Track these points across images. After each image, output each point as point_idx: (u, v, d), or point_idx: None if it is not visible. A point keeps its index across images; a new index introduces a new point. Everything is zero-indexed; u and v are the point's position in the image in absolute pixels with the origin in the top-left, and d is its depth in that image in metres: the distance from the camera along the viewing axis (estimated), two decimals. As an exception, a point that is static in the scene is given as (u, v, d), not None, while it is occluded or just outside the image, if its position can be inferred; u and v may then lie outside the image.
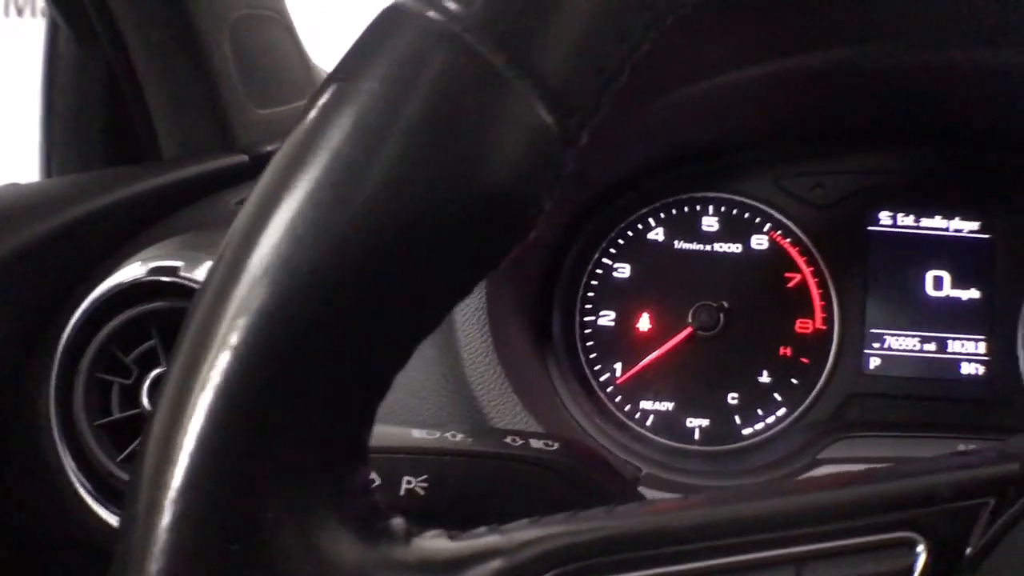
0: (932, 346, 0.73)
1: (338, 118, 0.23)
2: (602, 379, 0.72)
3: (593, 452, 0.51)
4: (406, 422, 0.60)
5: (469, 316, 0.60)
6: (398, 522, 0.25)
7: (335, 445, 0.24)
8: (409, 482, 0.47)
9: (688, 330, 0.71)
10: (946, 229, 0.75)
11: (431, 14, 0.23)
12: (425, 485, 0.47)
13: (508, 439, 0.50)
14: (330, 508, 0.23)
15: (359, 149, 0.23)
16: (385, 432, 0.50)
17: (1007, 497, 0.27)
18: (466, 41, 0.23)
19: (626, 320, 0.73)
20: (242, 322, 0.22)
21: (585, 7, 0.25)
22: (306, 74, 0.87)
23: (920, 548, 0.26)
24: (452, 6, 0.23)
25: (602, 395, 0.72)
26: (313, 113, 0.24)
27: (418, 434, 0.49)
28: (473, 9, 0.23)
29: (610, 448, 0.65)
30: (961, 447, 0.65)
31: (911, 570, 0.25)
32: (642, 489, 0.59)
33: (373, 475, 0.48)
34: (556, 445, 0.50)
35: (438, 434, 0.49)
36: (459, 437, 0.49)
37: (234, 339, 0.22)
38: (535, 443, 0.50)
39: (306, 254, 0.22)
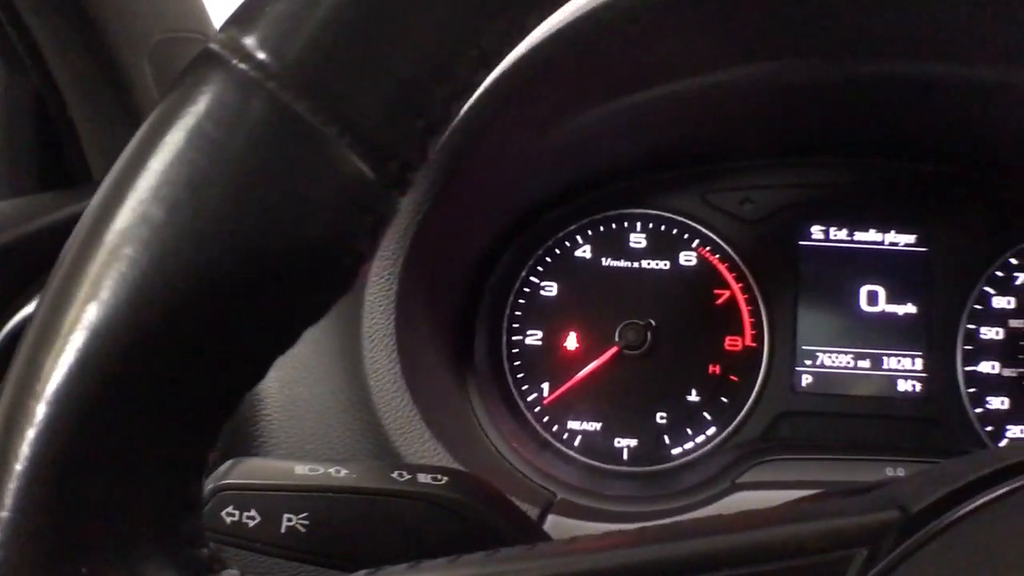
0: (866, 363, 0.72)
1: (142, 171, 0.23)
2: (529, 399, 0.72)
3: (486, 486, 0.51)
4: (315, 452, 0.60)
5: (376, 343, 0.59)
6: (230, 573, 0.25)
7: (158, 499, 0.24)
8: (290, 519, 0.47)
9: (614, 349, 0.70)
10: (881, 242, 0.73)
11: (236, 62, 0.23)
12: (306, 523, 0.47)
13: (395, 474, 0.49)
14: (154, 562, 0.23)
15: (160, 205, 0.22)
16: (267, 467, 0.50)
17: (883, 546, 0.26)
18: (270, 90, 0.23)
19: (553, 339, 0.72)
20: (55, 376, 0.22)
21: (398, 52, 0.24)
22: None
23: None
24: (260, 55, 0.23)
25: (529, 416, 0.71)
26: (119, 165, 0.24)
27: (300, 470, 0.49)
28: (280, 58, 0.23)
29: (529, 473, 0.64)
30: (889, 471, 0.63)
31: None
32: (553, 517, 0.59)
33: (253, 512, 0.48)
34: (445, 479, 0.49)
35: (321, 470, 0.49)
36: (343, 473, 0.49)
37: (46, 395, 0.22)
38: (423, 478, 0.49)
39: (108, 313, 0.22)
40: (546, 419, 0.71)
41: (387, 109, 0.24)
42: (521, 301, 0.72)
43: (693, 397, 0.71)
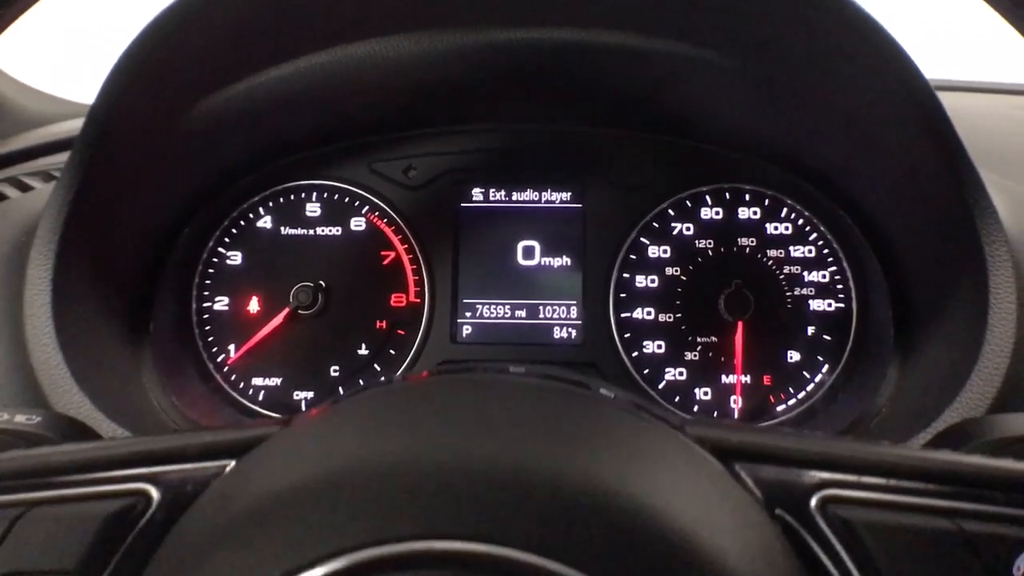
0: (523, 312, 0.77)
1: None
2: (218, 360, 0.78)
3: (76, 424, 0.57)
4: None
5: (34, 313, 0.64)
6: None
7: None
8: None
9: (287, 310, 0.76)
10: (538, 201, 0.79)
11: None
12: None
13: (-6, 413, 0.56)
14: None
15: None
16: None
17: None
18: None
19: (238, 304, 0.78)
20: None
21: None
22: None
23: (155, 495, 0.33)
24: None
25: (217, 376, 0.77)
26: None
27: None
28: None
29: (181, 424, 0.70)
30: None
31: (144, 512, 0.33)
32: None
33: None
34: (38, 419, 0.56)
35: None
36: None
37: None
38: (19, 417, 0.56)
39: None
40: (233, 377, 0.77)
41: None
42: (210, 271, 0.79)
43: (363, 351, 0.77)
